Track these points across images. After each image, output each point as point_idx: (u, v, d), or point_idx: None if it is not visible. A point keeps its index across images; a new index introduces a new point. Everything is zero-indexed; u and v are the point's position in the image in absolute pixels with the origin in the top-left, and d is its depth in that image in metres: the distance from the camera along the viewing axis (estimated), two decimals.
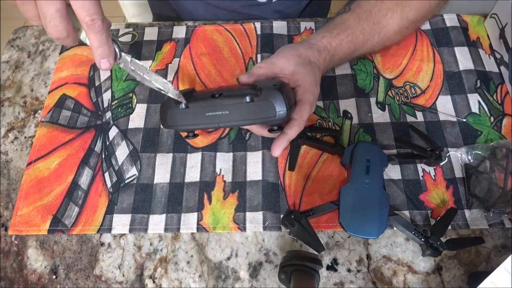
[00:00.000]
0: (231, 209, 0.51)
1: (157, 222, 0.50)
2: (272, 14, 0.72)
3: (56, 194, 0.52)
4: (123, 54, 0.41)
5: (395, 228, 0.49)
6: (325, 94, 0.58)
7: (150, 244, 0.49)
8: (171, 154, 0.54)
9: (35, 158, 0.55)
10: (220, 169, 0.53)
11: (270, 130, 0.46)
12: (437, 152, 0.51)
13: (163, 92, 0.43)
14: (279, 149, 0.45)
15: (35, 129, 0.58)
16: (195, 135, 0.48)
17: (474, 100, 0.57)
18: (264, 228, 0.49)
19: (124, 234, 0.50)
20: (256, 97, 0.42)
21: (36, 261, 0.49)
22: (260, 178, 0.52)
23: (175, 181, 0.53)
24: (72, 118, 0.58)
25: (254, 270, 0.48)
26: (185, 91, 0.45)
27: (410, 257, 0.48)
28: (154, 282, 0.47)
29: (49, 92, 0.60)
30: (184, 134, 0.56)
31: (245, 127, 0.53)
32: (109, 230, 0.50)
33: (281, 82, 0.44)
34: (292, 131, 0.45)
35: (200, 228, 0.50)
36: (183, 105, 0.43)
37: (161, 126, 0.56)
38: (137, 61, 0.42)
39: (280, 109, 0.42)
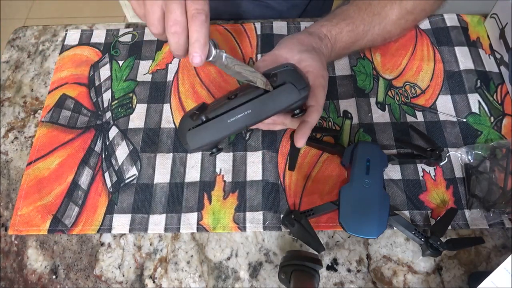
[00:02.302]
0: (231, 209, 0.51)
1: (157, 222, 0.50)
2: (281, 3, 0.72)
3: (56, 194, 0.52)
4: (218, 50, 0.41)
5: (395, 228, 0.49)
6: None
7: (150, 244, 0.49)
8: (171, 154, 0.54)
9: (35, 158, 0.55)
10: (220, 169, 0.53)
11: (293, 115, 0.45)
12: (437, 152, 0.51)
13: (252, 83, 0.42)
14: (303, 139, 0.45)
15: (35, 129, 0.58)
16: (219, 150, 0.47)
17: (474, 100, 0.57)
18: (264, 228, 0.49)
19: (124, 234, 0.50)
20: (274, 83, 0.41)
21: (36, 261, 0.49)
22: (260, 178, 0.52)
23: (175, 181, 0.53)
24: (72, 118, 0.58)
25: (254, 270, 0.48)
26: (197, 107, 0.44)
27: (410, 257, 0.48)
28: (154, 282, 0.47)
29: (49, 92, 0.60)
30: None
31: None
32: (109, 230, 0.50)
33: (291, 63, 0.44)
34: (313, 118, 0.45)
35: (200, 228, 0.50)
36: (201, 120, 0.42)
37: (161, 127, 0.56)
38: (230, 56, 0.42)
39: (301, 87, 0.41)
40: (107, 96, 0.60)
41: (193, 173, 0.53)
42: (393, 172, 0.52)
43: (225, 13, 0.71)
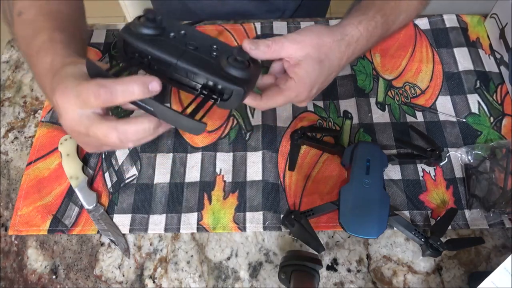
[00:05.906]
0: (231, 209, 0.51)
1: (157, 222, 0.50)
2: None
3: (56, 194, 0.52)
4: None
5: (395, 228, 0.49)
6: (325, 94, 0.58)
7: (150, 244, 0.49)
8: (171, 154, 0.54)
9: (35, 158, 0.55)
10: (220, 169, 0.53)
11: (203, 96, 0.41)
12: (437, 152, 0.51)
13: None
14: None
15: (35, 129, 0.58)
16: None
17: (473, 101, 0.57)
18: (264, 228, 0.49)
19: (124, 234, 0.50)
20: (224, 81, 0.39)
21: (36, 261, 0.49)
22: (260, 178, 0.52)
23: (175, 181, 0.53)
24: None
25: (254, 270, 0.48)
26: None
27: (410, 257, 0.48)
28: (154, 282, 0.47)
29: None
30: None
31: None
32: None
33: (242, 90, 0.40)
34: (250, 102, 0.44)
35: (200, 228, 0.50)
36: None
37: None
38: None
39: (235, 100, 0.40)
40: None
41: (193, 173, 0.53)
42: (393, 172, 0.52)
43: (221, 11, 0.70)
